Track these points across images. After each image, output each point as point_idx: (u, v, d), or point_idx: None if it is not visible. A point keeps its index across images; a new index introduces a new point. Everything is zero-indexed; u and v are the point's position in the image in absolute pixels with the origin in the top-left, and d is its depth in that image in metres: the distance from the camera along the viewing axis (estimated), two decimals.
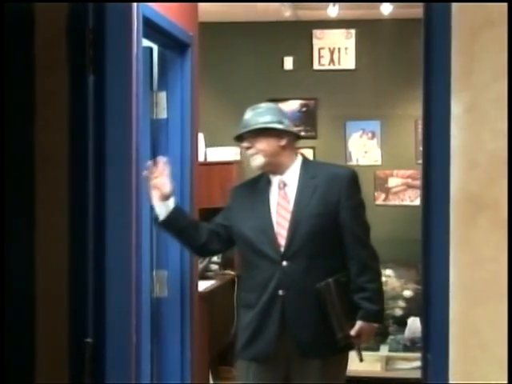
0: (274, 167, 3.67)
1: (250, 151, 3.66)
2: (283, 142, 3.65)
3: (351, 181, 3.66)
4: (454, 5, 2.29)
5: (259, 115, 3.66)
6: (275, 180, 3.68)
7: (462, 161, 2.33)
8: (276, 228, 3.58)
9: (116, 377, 1.99)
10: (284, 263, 3.54)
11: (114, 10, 1.98)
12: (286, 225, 3.57)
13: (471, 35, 2.31)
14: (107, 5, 1.95)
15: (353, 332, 3.57)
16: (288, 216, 3.59)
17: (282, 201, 3.63)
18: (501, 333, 2.34)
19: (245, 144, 3.67)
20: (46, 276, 2.36)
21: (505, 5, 2.29)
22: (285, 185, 3.66)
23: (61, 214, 2.25)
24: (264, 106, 3.73)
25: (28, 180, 2.36)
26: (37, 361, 2.36)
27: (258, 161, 3.65)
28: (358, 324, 3.58)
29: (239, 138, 3.72)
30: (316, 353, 3.58)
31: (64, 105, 2.26)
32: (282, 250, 3.56)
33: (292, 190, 3.64)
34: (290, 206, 3.60)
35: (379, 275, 3.73)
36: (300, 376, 3.59)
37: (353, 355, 3.75)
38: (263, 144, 3.64)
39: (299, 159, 3.72)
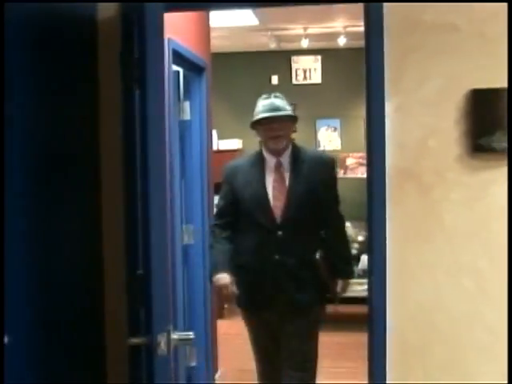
0: (284, 149, 3.09)
1: (279, 133, 3.02)
2: (294, 128, 3.20)
3: (334, 165, 3.24)
4: (386, 27, 2.27)
5: (282, 102, 3.07)
6: (272, 160, 3.10)
7: (392, 145, 2.34)
8: (273, 202, 3.05)
9: (158, 302, 1.94)
10: (279, 233, 3.04)
11: (151, 43, 1.98)
12: (282, 200, 3.05)
13: (400, 54, 2.31)
14: (147, 39, 1.94)
15: (339, 289, 3.17)
16: (284, 192, 3.06)
17: (279, 179, 3.08)
18: (423, 261, 2.36)
19: (275, 125, 3.00)
20: (109, 229, 2.40)
21: (432, 19, 2.26)
22: (281, 165, 3.10)
23: (119, 189, 2.25)
24: (279, 94, 3.15)
25: (96, 169, 2.36)
26: (105, 285, 2.39)
27: (283, 143, 3.05)
28: (340, 282, 3.17)
29: (259, 121, 3.08)
30: (306, 304, 3.10)
31: (119, 112, 2.24)
32: (278, 221, 3.05)
33: (286, 171, 3.09)
34: (286, 185, 3.07)
35: (349, 242, 3.37)
36: (290, 319, 3.12)
37: None
38: (288, 128, 3.08)
39: (290, 144, 3.18)
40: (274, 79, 7.41)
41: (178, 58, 3.75)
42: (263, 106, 3.06)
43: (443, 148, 2.32)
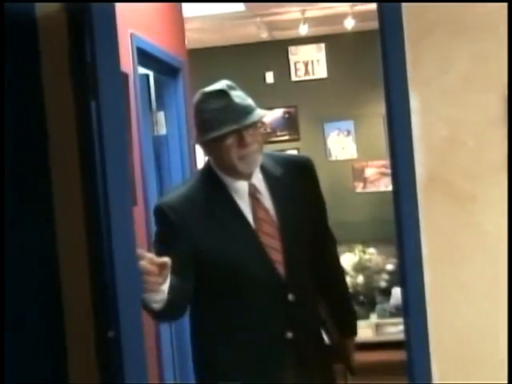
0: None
1: (254, 147, 2.48)
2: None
3: (313, 168, 2.71)
4: (404, 5, 2.25)
5: (243, 95, 2.53)
6: (241, 186, 2.52)
7: (422, 147, 2.30)
8: (266, 248, 2.50)
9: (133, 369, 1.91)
10: (290, 296, 2.51)
11: (101, 42, 1.95)
12: (278, 244, 2.52)
13: (419, 37, 2.28)
14: (95, 38, 1.92)
15: (352, 353, 2.84)
16: (276, 232, 2.52)
17: (261, 213, 2.53)
18: (469, 293, 2.31)
19: (248, 137, 2.44)
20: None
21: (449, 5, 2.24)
22: (256, 190, 2.54)
23: (78, 229, 2.24)
24: (230, 82, 2.54)
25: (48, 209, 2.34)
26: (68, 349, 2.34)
27: (259, 159, 2.52)
28: (350, 343, 2.84)
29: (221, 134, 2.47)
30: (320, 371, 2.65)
31: (72, 128, 2.29)
32: (283, 275, 2.50)
33: (264, 196, 2.55)
34: (272, 219, 2.53)
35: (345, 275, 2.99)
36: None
37: None
38: (261, 136, 2.54)
39: None
40: (269, 77, 7.40)
41: (146, 58, 3.75)
42: (220, 110, 2.44)
43: (483, 149, 2.27)
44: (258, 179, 2.56)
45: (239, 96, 2.47)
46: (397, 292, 5.94)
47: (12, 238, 2.20)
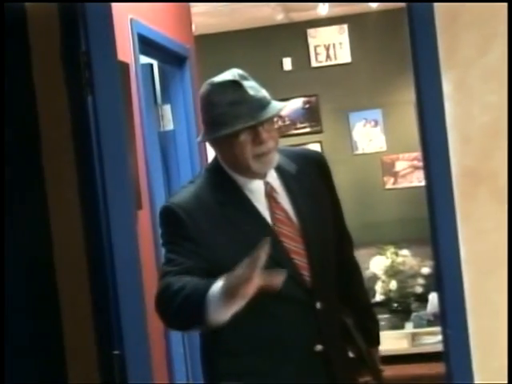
0: None
1: (270, 145, 2.46)
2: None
3: (327, 163, 2.72)
4: None
5: (258, 86, 2.50)
6: (257, 186, 2.53)
7: (457, 137, 2.28)
8: (290, 255, 2.50)
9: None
10: (318, 304, 2.50)
11: (97, 28, 1.95)
12: (301, 248, 2.52)
13: (453, 15, 2.27)
14: (89, 25, 1.92)
15: (378, 363, 2.84)
16: (297, 235, 2.53)
17: (280, 214, 2.53)
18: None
19: (264, 134, 2.43)
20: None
21: None
22: (273, 190, 2.54)
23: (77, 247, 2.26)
24: (242, 72, 2.51)
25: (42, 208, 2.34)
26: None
27: (276, 158, 2.51)
28: (375, 352, 2.83)
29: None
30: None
31: (67, 127, 2.27)
32: (309, 282, 2.51)
33: (281, 196, 2.56)
34: (292, 220, 2.54)
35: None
36: None
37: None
38: (276, 133, 2.53)
39: None
40: (287, 63, 7.39)
41: (148, 45, 3.76)
42: (233, 103, 2.42)
43: None
44: (272, 177, 2.56)
45: (253, 87, 2.45)
46: (434, 298, 5.90)
47: (3, 246, 2.19)
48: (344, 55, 7.34)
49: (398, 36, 6.70)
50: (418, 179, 7.05)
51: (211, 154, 4.45)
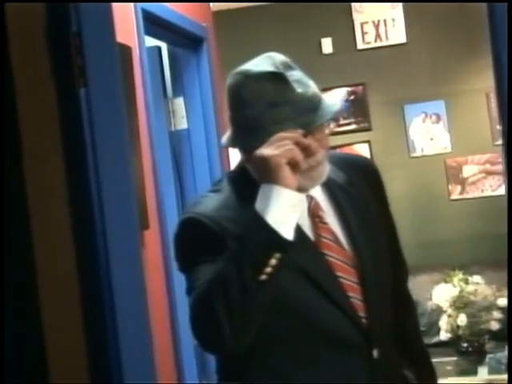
0: None
1: (319, 157, 2.43)
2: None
3: (379, 173, 2.69)
4: None
5: (308, 80, 2.43)
6: (299, 200, 2.41)
7: None
8: (342, 287, 2.48)
9: None
10: (375, 353, 2.47)
11: (90, 5, 1.94)
12: (355, 282, 2.49)
13: None
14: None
15: None
16: (349, 265, 2.49)
17: (327, 237, 2.49)
18: None
19: (313, 146, 2.38)
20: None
21: None
22: (317, 206, 2.51)
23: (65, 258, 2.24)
24: (284, 58, 2.42)
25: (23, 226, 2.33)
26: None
27: (325, 171, 2.48)
28: None
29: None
30: None
31: (54, 128, 2.24)
32: (366, 328, 2.48)
33: (328, 214, 2.52)
34: (342, 244, 2.51)
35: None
36: None
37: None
38: (327, 141, 2.48)
39: None
40: (327, 44, 7.43)
41: (156, 25, 3.79)
42: (274, 103, 2.36)
43: None
44: (317, 190, 2.51)
45: (300, 81, 2.39)
46: None
47: None
48: (397, 34, 7.37)
49: (464, 9, 6.77)
50: (491, 187, 7.07)
51: (235, 158, 4.41)
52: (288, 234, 2.24)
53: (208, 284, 2.29)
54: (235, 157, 5.13)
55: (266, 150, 2.28)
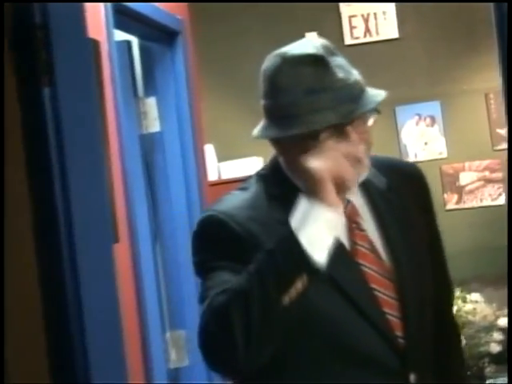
0: None
1: (361, 151, 2.43)
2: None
3: (427, 182, 2.68)
4: None
5: (351, 68, 2.45)
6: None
7: None
8: (384, 310, 2.47)
9: None
10: (412, 378, 2.45)
11: None
12: (392, 297, 2.47)
13: None
14: None
15: None
16: (387, 278, 2.48)
17: (364, 246, 2.48)
18: None
19: (353, 138, 2.39)
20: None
21: None
22: (355, 212, 2.49)
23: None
24: (331, 46, 2.43)
25: None
26: None
27: (367, 168, 2.49)
28: None
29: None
30: None
31: (16, 132, 2.22)
32: (403, 350, 2.46)
33: (367, 221, 2.51)
34: (380, 256, 2.49)
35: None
36: None
37: None
38: (369, 134, 2.50)
39: None
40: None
41: (127, 17, 3.80)
42: (314, 89, 2.35)
43: None
44: (354, 194, 2.49)
45: (342, 67, 2.39)
46: None
47: None
48: (389, 29, 7.40)
49: (464, 3, 6.78)
50: (491, 196, 7.12)
51: (213, 164, 4.41)
52: (321, 258, 2.22)
53: (226, 296, 2.27)
54: (213, 164, 5.10)
55: (312, 161, 2.27)
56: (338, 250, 2.35)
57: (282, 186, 2.45)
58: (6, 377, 2.35)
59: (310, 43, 2.39)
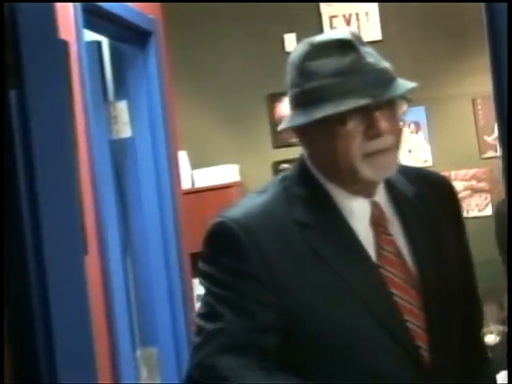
0: None
1: (389, 139, 2.41)
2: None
3: (456, 193, 2.71)
4: None
5: (381, 58, 2.46)
6: (360, 205, 2.49)
7: None
8: (405, 318, 2.43)
9: None
10: None
11: None
12: (417, 306, 2.44)
13: None
14: None
15: None
16: (411, 285, 2.46)
17: (389, 251, 2.47)
18: None
19: (382, 125, 2.38)
20: None
21: None
22: (381, 214, 2.50)
23: None
24: (356, 33, 2.46)
25: None
26: None
27: (395, 161, 2.49)
28: None
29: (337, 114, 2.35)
30: None
31: None
32: (428, 365, 2.41)
33: (393, 225, 2.51)
34: (407, 263, 2.48)
35: None
36: None
37: None
38: (399, 125, 2.47)
39: None
40: (290, 41, 7.45)
41: (97, 16, 3.80)
42: (342, 72, 2.35)
43: None
44: (382, 198, 2.51)
45: (371, 54, 2.39)
46: (504, 379, 5.87)
47: None
48: (372, 30, 7.43)
49: (451, 4, 6.79)
50: (478, 207, 7.13)
51: (186, 172, 4.41)
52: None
53: (225, 373, 2.27)
54: (186, 171, 5.10)
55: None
56: (363, 257, 2.41)
57: (308, 187, 2.46)
58: None
59: (339, 31, 2.42)
